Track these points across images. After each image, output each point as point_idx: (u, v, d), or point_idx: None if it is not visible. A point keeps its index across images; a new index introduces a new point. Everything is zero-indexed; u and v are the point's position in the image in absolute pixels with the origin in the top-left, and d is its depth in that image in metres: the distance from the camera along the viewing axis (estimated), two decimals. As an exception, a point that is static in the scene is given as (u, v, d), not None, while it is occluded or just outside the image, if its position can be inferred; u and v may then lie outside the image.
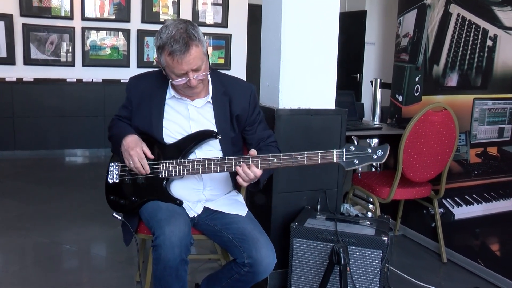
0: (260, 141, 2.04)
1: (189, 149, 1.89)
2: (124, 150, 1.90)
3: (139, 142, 1.90)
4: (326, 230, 2.24)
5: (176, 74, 1.80)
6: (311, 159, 1.71)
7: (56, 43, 6.06)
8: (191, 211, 1.95)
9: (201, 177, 1.96)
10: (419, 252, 3.22)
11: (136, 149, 1.87)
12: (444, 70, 3.13)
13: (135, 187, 1.95)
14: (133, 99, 2.00)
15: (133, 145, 1.88)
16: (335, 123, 2.55)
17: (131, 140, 1.90)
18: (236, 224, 1.87)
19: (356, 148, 1.69)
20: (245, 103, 1.99)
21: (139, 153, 1.87)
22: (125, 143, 1.89)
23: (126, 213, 2.02)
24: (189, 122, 1.94)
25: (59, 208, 3.92)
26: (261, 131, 2.06)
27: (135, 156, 1.86)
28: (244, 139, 2.08)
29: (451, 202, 3.08)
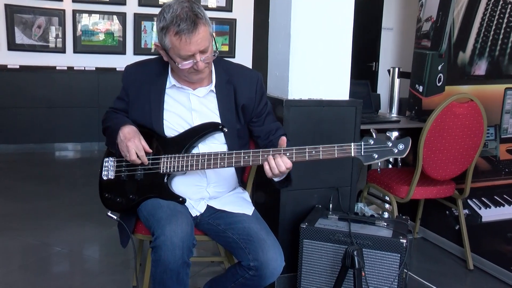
0: (269, 134, 2.05)
1: (192, 142, 1.91)
2: (120, 141, 1.91)
3: (137, 134, 1.91)
4: (339, 231, 2.26)
5: (182, 57, 1.80)
6: (327, 153, 1.73)
7: (44, 27, 6.08)
8: (193, 209, 1.97)
9: (205, 173, 1.97)
10: (441, 257, 3.21)
11: (134, 140, 1.88)
12: (471, 57, 3.11)
13: (132, 184, 1.96)
14: (130, 90, 2.01)
15: (130, 136, 1.89)
16: (349, 116, 2.56)
17: (128, 130, 1.91)
18: (242, 224, 1.89)
19: (375, 141, 1.71)
20: (251, 92, 2.01)
21: (137, 145, 1.88)
22: (121, 134, 1.90)
23: (122, 212, 2.04)
24: (191, 113, 1.96)
25: (49, 207, 3.96)
26: (269, 123, 2.08)
27: (132, 148, 1.87)
28: (250, 131, 2.10)
29: (478, 202, 3.07)
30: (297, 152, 1.75)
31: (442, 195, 2.99)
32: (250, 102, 2.01)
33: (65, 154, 6.17)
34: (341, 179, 2.61)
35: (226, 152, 1.83)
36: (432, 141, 2.74)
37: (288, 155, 1.75)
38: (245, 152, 1.80)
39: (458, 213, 3.07)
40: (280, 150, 1.77)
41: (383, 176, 3.08)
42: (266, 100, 2.08)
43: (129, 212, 2.01)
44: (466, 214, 3.11)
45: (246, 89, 2.00)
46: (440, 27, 3.37)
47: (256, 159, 1.79)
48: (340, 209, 2.56)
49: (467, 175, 2.94)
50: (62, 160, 6.01)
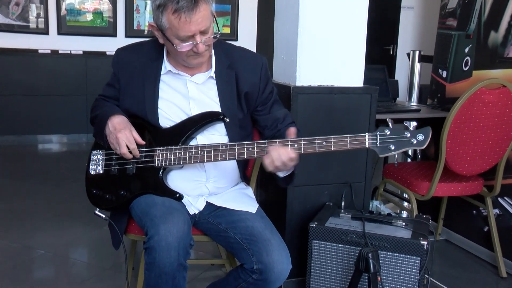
0: (277, 122, 2.06)
1: (190, 134, 1.93)
2: (109, 132, 1.93)
3: (128, 124, 1.94)
4: (352, 231, 2.28)
5: (180, 38, 1.81)
6: (338, 144, 1.74)
7: (22, 4, 6.06)
8: (191, 207, 1.99)
9: (204, 167, 1.99)
10: (467, 261, 3.20)
11: (124, 132, 1.89)
12: (505, 37, 3.07)
13: (124, 179, 1.98)
14: (121, 76, 2.03)
15: (121, 127, 1.90)
16: (363, 104, 2.57)
17: (118, 121, 1.93)
18: (244, 223, 1.90)
19: (391, 131, 1.72)
20: (255, 78, 2.01)
21: (128, 137, 1.90)
22: (111, 124, 1.92)
23: (112, 210, 2.05)
24: (189, 102, 1.98)
25: (32, 206, 3.99)
26: (276, 111, 2.08)
27: (123, 140, 1.89)
28: (255, 121, 2.11)
29: (510, 201, 3.05)
30: (306, 143, 1.76)
31: (468, 193, 2.98)
32: (254, 89, 2.02)
33: (49, 147, 6.20)
34: (354, 174, 2.63)
35: (228, 144, 1.84)
36: (456, 132, 2.73)
37: (296, 146, 1.76)
38: (248, 144, 1.82)
39: (487, 213, 3.05)
40: (287, 141, 1.78)
41: (401, 171, 3.09)
42: (271, 86, 2.09)
43: (120, 210, 2.03)
44: (497, 214, 3.10)
45: (249, 75, 2.01)
46: (468, 4, 3.34)
47: (261, 150, 1.80)
48: (353, 207, 2.58)
49: (497, 170, 2.93)
50: (46, 153, 6.04)
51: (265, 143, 1.80)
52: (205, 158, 1.86)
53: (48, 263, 3.06)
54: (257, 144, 1.80)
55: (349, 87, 2.57)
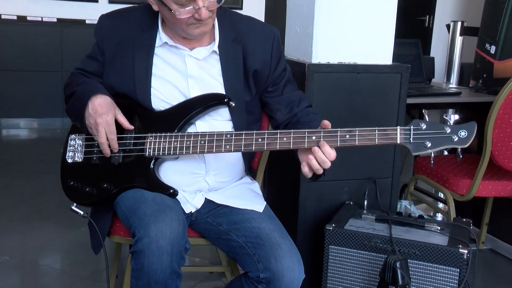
0: (292, 105, 2.09)
1: (188, 119, 1.95)
2: (88, 115, 1.93)
3: (112, 108, 1.95)
4: (376, 235, 2.29)
5: (179, 2, 1.82)
6: (365, 139, 1.75)
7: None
8: (187, 204, 2.01)
9: (203, 158, 2.01)
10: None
11: (106, 117, 1.91)
12: None
13: (108, 170, 1.99)
14: (106, 47, 2.04)
15: (102, 110, 1.92)
16: (392, 86, 2.59)
17: (101, 102, 1.94)
18: (250, 223, 1.92)
19: (428, 125, 1.73)
20: (266, 54, 2.03)
21: (110, 124, 1.91)
22: (91, 106, 1.93)
23: (93, 206, 2.08)
24: (187, 81, 1.99)
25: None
26: (289, 92, 2.11)
27: (102, 127, 1.90)
28: (265, 104, 2.14)
29: None
30: (326, 136, 1.77)
31: (518, 193, 2.99)
32: (264, 66, 2.03)
33: (15, 133, 6.22)
34: (379, 168, 2.65)
35: (233, 133, 1.86)
36: (506, 120, 2.73)
37: (315, 138, 1.78)
38: (258, 134, 1.83)
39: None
40: (303, 132, 1.79)
41: (436, 166, 3.09)
42: (284, 63, 2.11)
43: (103, 206, 2.05)
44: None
45: (259, 49, 2.02)
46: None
47: (272, 142, 1.81)
48: (378, 207, 2.60)
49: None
50: (11, 141, 6.06)
51: (277, 134, 1.81)
52: (206, 149, 1.87)
53: (14, 271, 3.07)
54: (268, 135, 1.82)
55: (375, 65, 2.59)
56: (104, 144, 1.93)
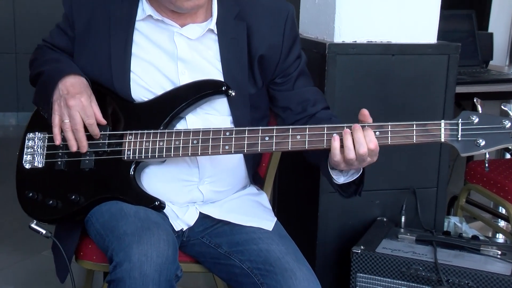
0: (306, 104, 2.07)
1: (177, 112, 1.95)
2: (58, 97, 1.93)
3: (88, 89, 1.95)
4: (417, 260, 2.28)
5: None
6: (399, 136, 1.73)
7: None
8: (177, 220, 2.01)
9: (196, 162, 2.00)
10: None
11: (80, 97, 1.90)
12: None
13: (76, 177, 1.99)
14: (77, 19, 2.05)
15: (76, 90, 1.92)
16: (436, 70, 2.59)
17: (74, 82, 1.94)
18: (256, 245, 1.92)
19: (481, 119, 1.70)
20: (276, 36, 2.02)
21: (85, 106, 1.90)
22: (62, 86, 1.93)
23: (58, 223, 2.08)
24: (177, 65, 1.99)
25: None
26: (303, 87, 2.09)
27: (76, 110, 1.89)
28: (271, 99, 2.13)
29: None
30: None
31: None
32: (274, 52, 2.02)
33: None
34: (420, 176, 2.65)
35: (234, 129, 1.85)
36: None
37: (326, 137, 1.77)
38: (265, 130, 1.81)
39: None
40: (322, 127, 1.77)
41: (493, 172, 3.07)
42: (299, 50, 2.09)
43: (70, 224, 2.05)
44: None
45: (267, 30, 2.02)
46: None
47: (283, 141, 1.79)
48: (419, 225, 2.59)
49: None
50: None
51: (289, 130, 1.80)
52: (199, 150, 1.86)
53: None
54: (277, 132, 1.80)
55: (414, 44, 2.59)
56: (79, 131, 1.91)
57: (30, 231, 1.97)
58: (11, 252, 3.57)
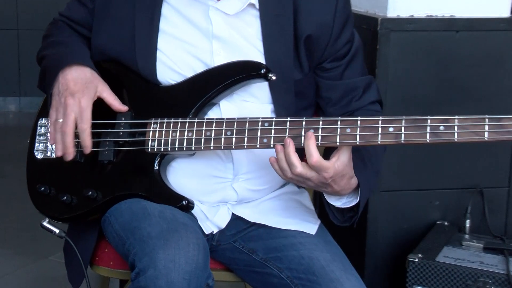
0: (352, 96, 2.06)
1: (209, 98, 1.94)
2: (57, 92, 1.94)
3: (92, 86, 1.95)
4: (486, 272, 2.26)
5: None
6: (468, 132, 1.69)
7: None
8: (207, 222, 2.02)
9: (230, 156, 2.00)
10: None
11: (79, 97, 1.90)
12: None
13: (94, 171, 2.00)
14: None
15: (77, 88, 1.92)
16: (509, 49, 2.56)
17: (76, 76, 1.94)
18: (297, 251, 1.93)
19: None
20: (327, 14, 1.99)
21: (83, 108, 1.89)
22: (62, 81, 1.94)
23: (71, 222, 2.09)
24: (211, 44, 1.99)
25: None
26: (353, 76, 2.07)
27: (72, 110, 1.89)
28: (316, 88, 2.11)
29: None
30: (409, 127, 1.73)
31: None
32: (323, 31, 2.00)
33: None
34: (489, 174, 2.62)
35: (274, 120, 1.83)
36: None
37: (392, 131, 1.72)
38: (310, 121, 1.79)
39: None
40: (375, 121, 1.74)
41: None
42: (351, 31, 2.07)
43: (86, 223, 2.06)
44: None
45: (317, 5, 2.00)
46: None
47: (330, 135, 1.76)
48: (488, 231, 2.56)
49: None
50: None
51: (338, 122, 1.77)
52: (233, 143, 1.85)
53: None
54: (323, 123, 1.78)
55: (483, 18, 2.55)
56: (68, 135, 1.89)
57: (35, 233, 1.98)
58: (14, 257, 3.56)
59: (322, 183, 1.76)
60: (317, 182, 1.76)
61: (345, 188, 1.80)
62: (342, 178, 1.76)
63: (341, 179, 1.76)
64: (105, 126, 1.95)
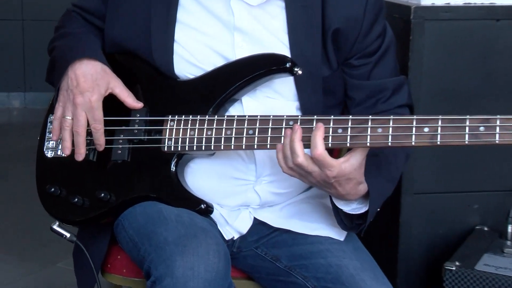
0: (378, 97, 2.04)
1: (230, 93, 1.93)
2: (66, 89, 1.95)
3: (103, 82, 1.96)
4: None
5: None
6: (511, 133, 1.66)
7: None
8: (226, 227, 2.01)
9: (253, 156, 1.99)
10: None
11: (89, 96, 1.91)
12: None
13: (107, 170, 2.01)
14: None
15: (87, 85, 1.92)
16: None
17: (86, 71, 1.95)
18: (324, 259, 1.93)
19: None
20: (356, 7, 1.98)
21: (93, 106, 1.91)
22: (72, 76, 1.94)
23: (82, 226, 2.09)
24: (233, 36, 1.98)
25: None
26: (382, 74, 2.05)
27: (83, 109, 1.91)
28: None
29: None
30: (446, 127, 1.69)
31: None
32: (353, 25, 1.98)
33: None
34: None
35: (300, 118, 1.82)
36: None
37: (428, 131, 1.69)
38: (338, 120, 1.76)
39: None
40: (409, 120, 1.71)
41: None
42: (383, 24, 2.05)
43: (97, 227, 2.06)
44: None
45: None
46: None
47: (360, 135, 1.73)
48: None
49: None
50: None
51: (369, 121, 1.74)
52: (255, 142, 1.84)
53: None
54: (353, 122, 1.75)
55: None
56: (80, 135, 1.91)
57: (40, 238, 1.98)
58: (19, 263, 3.58)
59: (324, 182, 1.74)
60: (319, 179, 1.74)
61: (351, 193, 1.78)
62: (348, 181, 1.74)
63: (346, 183, 1.74)
64: (119, 123, 1.94)
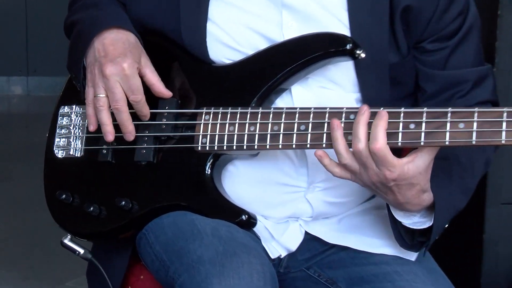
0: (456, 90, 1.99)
1: (277, 82, 1.89)
2: (93, 61, 1.92)
3: (136, 51, 1.94)
4: None
5: None
6: None
7: None
8: (272, 243, 1.99)
9: (305, 158, 1.95)
10: None
11: (122, 63, 1.87)
12: None
13: (129, 174, 2.00)
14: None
15: (118, 51, 1.90)
16: None
17: (116, 39, 1.93)
18: (392, 283, 1.90)
19: None
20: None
21: (128, 74, 1.87)
22: (98, 46, 1.92)
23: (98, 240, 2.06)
24: (280, 14, 1.95)
25: None
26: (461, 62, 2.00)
27: (116, 80, 1.87)
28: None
29: None
30: None
31: None
32: (427, 2, 1.94)
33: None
34: None
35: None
36: None
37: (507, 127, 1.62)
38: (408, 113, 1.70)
39: None
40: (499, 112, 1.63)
41: None
42: (464, 1, 1.98)
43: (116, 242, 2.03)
44: None
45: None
46: None
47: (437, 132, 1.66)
48: None
49: None
50: None
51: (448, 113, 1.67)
52: (309, 140, 1.79)
53: None
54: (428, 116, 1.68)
55: None
56: (122, 112, 1.87)
57: (46, 253, 1.94)
58: (22, 282, 3.59)
59: (381, 184, 1.70)
60: (376, 179, 1.70)
61: (412, 203, 1.74)
62: (410, 187, 1.69)
63: (408, 188, 1.70)
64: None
